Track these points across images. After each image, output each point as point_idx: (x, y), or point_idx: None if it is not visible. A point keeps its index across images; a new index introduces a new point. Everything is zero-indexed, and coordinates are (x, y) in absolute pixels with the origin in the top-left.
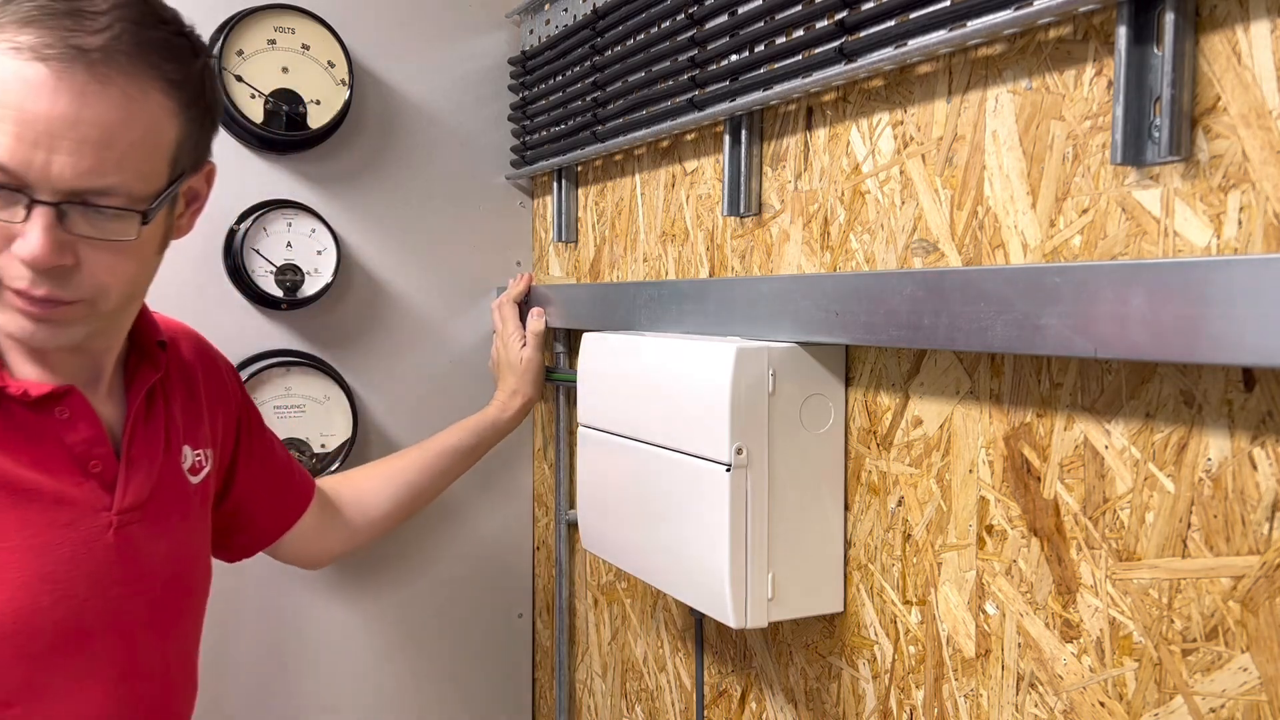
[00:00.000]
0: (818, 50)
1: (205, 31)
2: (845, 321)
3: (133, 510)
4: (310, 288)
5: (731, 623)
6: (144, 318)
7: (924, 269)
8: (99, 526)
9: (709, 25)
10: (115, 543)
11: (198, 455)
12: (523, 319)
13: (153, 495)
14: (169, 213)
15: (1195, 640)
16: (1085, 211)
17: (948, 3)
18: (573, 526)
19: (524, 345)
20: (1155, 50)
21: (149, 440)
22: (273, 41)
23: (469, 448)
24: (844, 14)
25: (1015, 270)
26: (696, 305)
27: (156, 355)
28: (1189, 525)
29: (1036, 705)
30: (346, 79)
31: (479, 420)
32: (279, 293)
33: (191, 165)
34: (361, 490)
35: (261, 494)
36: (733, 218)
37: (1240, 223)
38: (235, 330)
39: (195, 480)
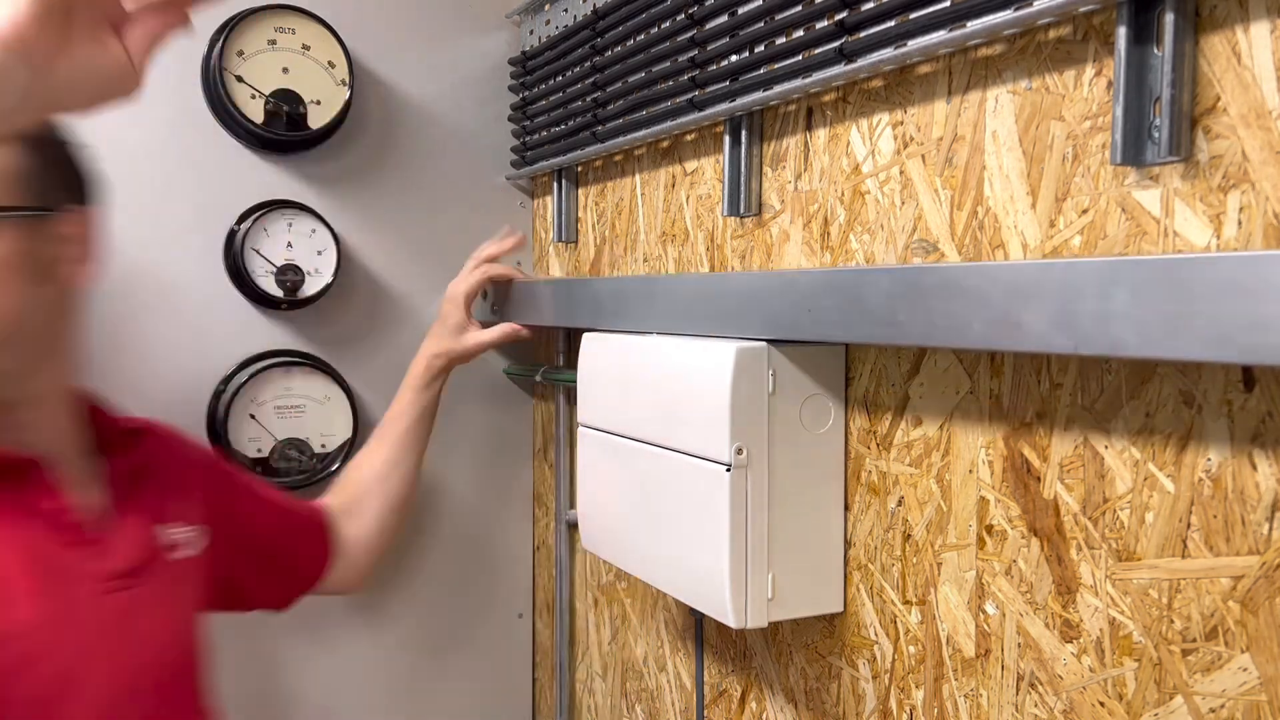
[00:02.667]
0: (818, 51)
1: (205, 32)
2: (817, 319)
3: (117, 578)
4: (310, 288)
5: (731, 623)
6: (99, 414)
7: (899, 265)
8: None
9: (709, 25)
10: (105, 609)
11: (178, 533)
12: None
13: (140, 568)
14: (28, 243)
15: (1195, 640)
16: (1085, 212)
17: (948, 3)
18: (573, 526)
19: (468, 328)
20: (1155, 50)
21: (132, 516)
22: (273, 42)
23: (418, 411)
24: (844, 14)
25: (995, 267)
26: (668, 304)
27: (127, 442)
28: (1189, 525)
29: (1036, 705)
30: (346, 79)
31: (412, 385)
32: (279, 293)
33: (42, 203)
34: (355, 502)
35: (273, 551)
36: (733, 218)
37: (1240, 223)
38: (235, 330)
39: (176, 556)
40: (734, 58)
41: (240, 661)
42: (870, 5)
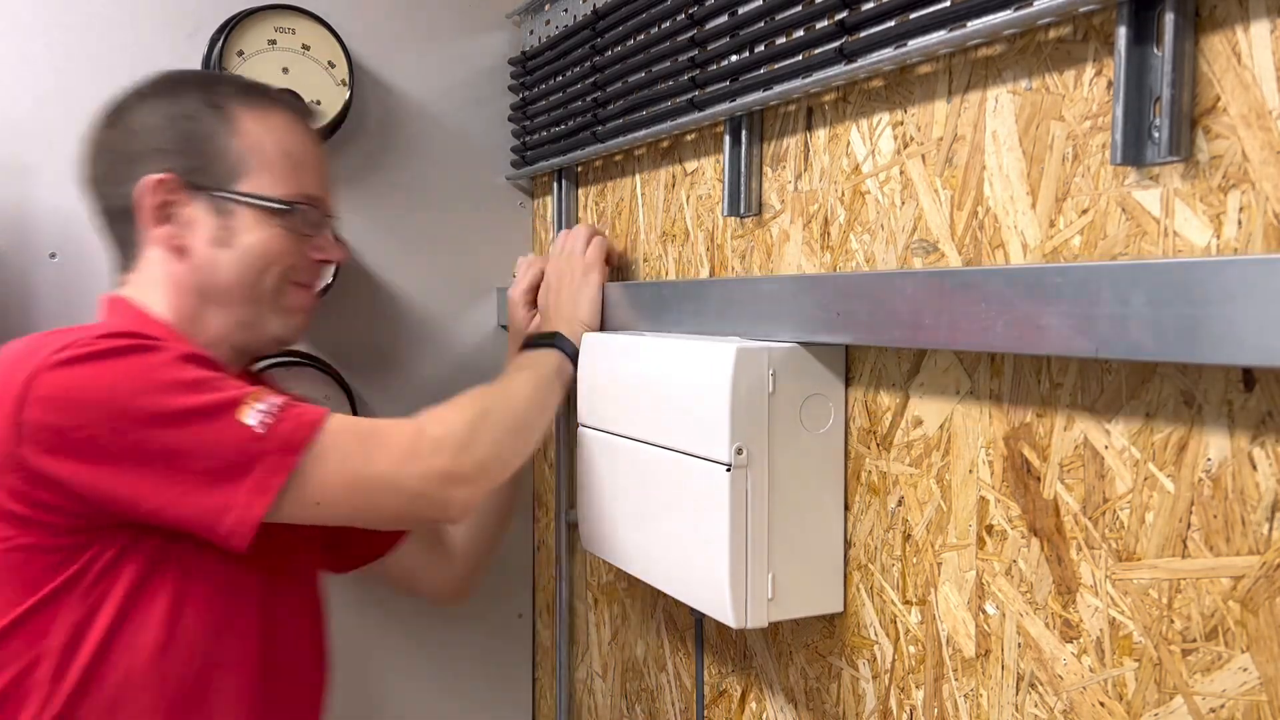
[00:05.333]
0: (818, 51)
1: (205, 32)
2: (847, 321)
3: None
4: None
5: (731, 623)
6: None
7: (926, 269)
8: None
9: (709, 25)
10: None
11: None
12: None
13: None
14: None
15: (1195, 640)
16: (1085, 212)
17: (948, 3)
18: (573, 526)
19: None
20: (1155, 50)
21: None
22: (273, 42)
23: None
24: (844, 14)
25: (1016, 270)
26: (696, 305)
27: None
28: (1189, 525)
29: (1036, 705)
30: (346, 79)
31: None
32: None
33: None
34: None
35: None
36: (733, 218)
37: (1240, 223)
38: None
39: None
40: (734, 58)
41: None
42: (870, 5)
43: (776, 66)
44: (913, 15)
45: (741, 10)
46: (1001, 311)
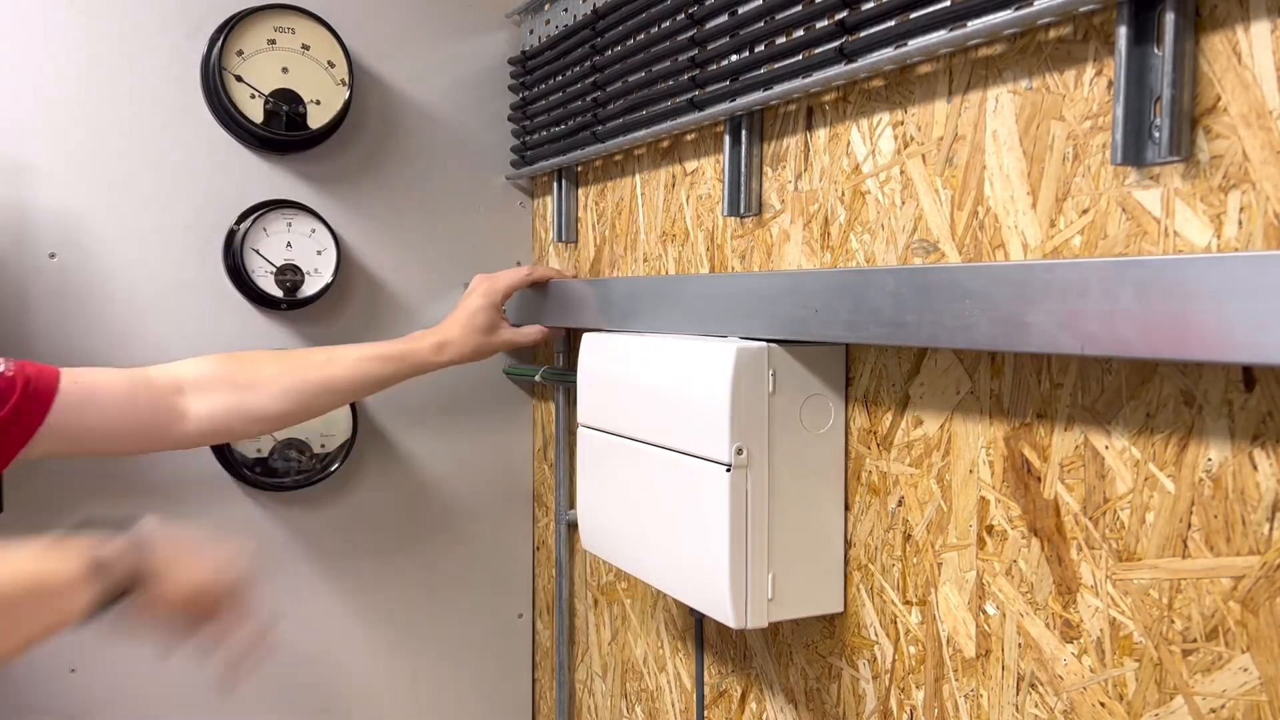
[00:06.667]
0: (818, 50)
1: (205, 31)
2: (825, 319)
3: None
4: (310, 288)
5: (731, 623)
6: None
7: (906, 266)
8: None
9: (709, 25)
10: None
11: None
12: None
13: None
14: None
15: (1195, 640)
16: (1085, 212)
17: (948, 3)
18: (573, 526)
19: (500, 326)
20: (1155, 50)
21: None
22: (273, 41)
23: (383, 378)
24: (844, 14)
25: (1001, 267)
26: (691, 303)
27: None
28: (1189, 525)
29: (1036, 705)
30: (346, 79)
31: (403, 356)
32: (279, 293)
33: None
34: (257, 380)
35: None
36: (733, 218)
37: (1240, 223)
38: (235, 330)
39: None
40: (734, 57)
41: None
42: (870, 5)
43: (776, 66)
44: (913, 15)
45: (741, 10)
46: (986, 309)
